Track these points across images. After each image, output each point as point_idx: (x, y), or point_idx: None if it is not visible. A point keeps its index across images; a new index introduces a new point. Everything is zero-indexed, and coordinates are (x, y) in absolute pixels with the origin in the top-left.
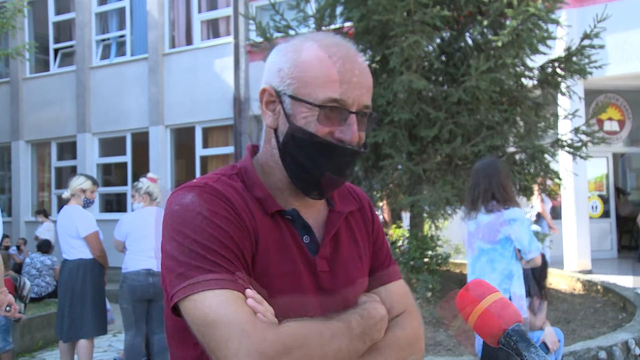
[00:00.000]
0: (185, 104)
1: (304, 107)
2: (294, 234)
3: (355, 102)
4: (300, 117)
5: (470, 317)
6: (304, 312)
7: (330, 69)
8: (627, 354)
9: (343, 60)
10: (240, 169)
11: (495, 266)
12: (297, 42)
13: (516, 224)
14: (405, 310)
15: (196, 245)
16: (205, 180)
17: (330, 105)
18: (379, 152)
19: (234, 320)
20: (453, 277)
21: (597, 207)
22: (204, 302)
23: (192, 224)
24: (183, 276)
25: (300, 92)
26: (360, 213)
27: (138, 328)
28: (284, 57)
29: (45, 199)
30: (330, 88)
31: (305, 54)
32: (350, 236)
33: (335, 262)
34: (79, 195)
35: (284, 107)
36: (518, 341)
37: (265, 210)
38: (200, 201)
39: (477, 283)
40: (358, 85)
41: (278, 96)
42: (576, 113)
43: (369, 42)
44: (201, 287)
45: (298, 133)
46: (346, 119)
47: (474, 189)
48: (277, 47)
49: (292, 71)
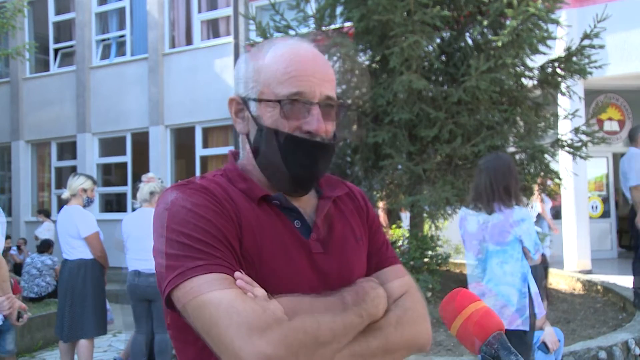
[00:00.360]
0: (185, 104)
1: (268, 106)
2: (283, 218)
3: (315, 93)
4: (266, 117)
5: (452, 326)
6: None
7: (288, 66)
8: (627, 354)
9: (300, 57)
10: (224, 170)
11: (506, 269)
12: (257, 49)
13: (525, 224)
14: (406, 292)
15: (182, 236)
16: (189, 179)
17: (291, 99)
18: (379, 152)
19: (222, 298)
20: (453, 277)
21: (597, 207)
22: (193, 287)
23: (177, 217)
24: (172, 268)
25: (263, 93)
26: (350, 199)
27: (139, 327)
28: (246, 65)
29: (45, 199)
30: (289, 83)
31: (265, 58)
32: (343, 219)
33: (330, 244)
34: (80, 195)
35: (250, 112)
36: (499, 349)
37: (251, 198)
38: (183, 196)
39: (459, 292)
40: (317, 78)
41: (244, 102)
42: (576, 113)
43: (369, 42)
44: (190, 274)
45: (266, 132)
46: (309, 111)
47: (490, 186)
48: (241, 56)
49: (253, 75)
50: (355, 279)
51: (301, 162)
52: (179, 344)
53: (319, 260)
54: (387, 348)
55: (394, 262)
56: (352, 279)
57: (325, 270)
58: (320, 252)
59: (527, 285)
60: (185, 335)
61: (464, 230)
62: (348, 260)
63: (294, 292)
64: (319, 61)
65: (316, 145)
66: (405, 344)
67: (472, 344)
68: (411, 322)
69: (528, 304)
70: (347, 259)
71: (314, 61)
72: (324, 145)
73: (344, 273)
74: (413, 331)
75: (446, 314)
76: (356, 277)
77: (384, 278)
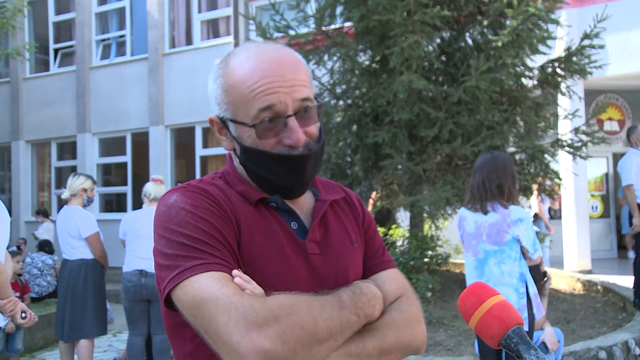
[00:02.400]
0: (185, 104)
1: (245, 127)
2: (280, 220)
3: (288, 103)
4: (245, 137)
5: (471, 319)
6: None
7: (252, 83)
8: (627, 354)
9: (263, 69)
10: (223, 172)
11: (504, 269)
12: (223, 64)
13: (523, 224)
14: (402, 295)
15: (181, 237)
16: (189, 182)
17: (262, 118)
18: (379, 152)
19: (221, 295)
20: (453, 277)
21: (597, 207)
22: (192, 285)
23: (176, 219)
24: (171, 267)
25: (237, 115)
26: (347, 203)
27: (136, 328)
28: (216, 84)
29: (45, 199)
30: (257, 100)
31: (230, 76)
32: (339, 222)
33: (326, 245)
34: (80, 195)
35: (230, 132)
36: (519, 343)
37: (249, 200)
38: (183, 198)
39: (479, 285)
40: (286, 85)
41: (223, 122)
42: (576, 113)
43: (369, 42)
44: (188, 273)
45: (249, 152)
46: (286, 124)
47: (483, 185)
48: (210, 74)
49: (224, 97)
50: (350, 281)
51: (288, 174)
52: (176, 342)
53: (315, 261)
54: (383, 349)
55: (390, 266)
56: (347, 281)
57: (321, 271)
58: (317, 253)
59: (525, 286)
60: (182, 333)
61: (463, 231)
62: (344, 262)
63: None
64: (285, 65)
65: (298, 158)
66: (400, 346)
67: (491, 337)
68: (407, 325)
69: (527, 304)
70: (343, 261)
71: (279, 67)
72: (305, 156)
73: (340, 274)
74: (409, 333)
75: (465, 307)
76: (352, 279)
77: (380, 282)
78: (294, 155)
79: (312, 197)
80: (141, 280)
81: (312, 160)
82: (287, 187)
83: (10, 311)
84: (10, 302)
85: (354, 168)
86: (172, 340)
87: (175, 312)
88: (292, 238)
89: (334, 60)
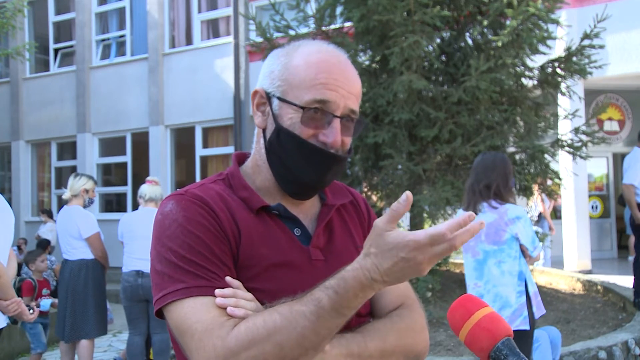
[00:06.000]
0: (185, 104)
1: (291, 108)
2: (283, 227)
3: (340, 106)
4: (286, 118)
5: (461, 332)
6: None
7: (318, 73)
8: (627, 354)
9: (331, 65)
10: (227, 175)
11: (504, 268)
12: (291, 47)
13: (520, 222)
14: (402, 303)
15: (170, 253)
16: (188, 187)
17: (314, 107)
18: (379, 152)
19: (198, 327)
20: (453, 277)
21: (597, 207)
22: (174, 312)
23: (168, 231)
24: (159, 286)
25: (288, 94)
26: (354, 207)
27: (135, 327)
28: (277, 61)
29: (45, 199)
30: (315, 91)
31: (296, 59)
32: (345, 228)
33: (330, 252)
34: (81, 196)
35: (272, 108)
36: (508, 355)
37: (250, 207)
38: (178, 209)
39: (467, 298)
40: (344, 91)
41: (268, 98)
42: (576, 113)
43: (369, 42)
44: (172, 296)
45: (283, 133)
46: (330, 122)
47: (471, 186)
48: (273, 51)
49: (282, 74)
50: None
51: (312, 170)
52: (177, 346)
53: (319, 267)
54: (384, 350)
55: None
56: None
57: (325, 277)
58: (320, 259)
59: (524, 284)
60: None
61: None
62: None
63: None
64: (350, 73)
65: (330, 156)
66: (402, 350)
67: (480, 350)
68: (409, 329)
69: (526, 302)
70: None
71: (345, 72)
72: (337, 157)
73: None
74: (411, 338)
75: (454, 320)
76: None
77: (380, 292)
78: (327, 152)
79: (318, 202)
80: (138, 280)
81: (340, 164)
82: (303, 183)
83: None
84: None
85: (354, 168)
86: (174, 343)
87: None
88: (295, 244)
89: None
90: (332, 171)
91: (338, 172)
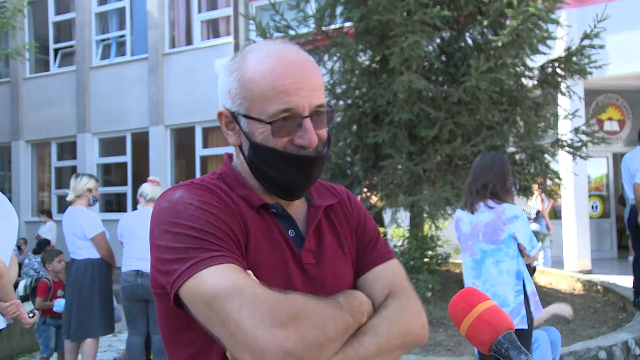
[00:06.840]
0: (185, 104)
1: (259, 123)
2: (279, 227)
3: (306, 107)
4: (257, 133)
5: (462, 325)
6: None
7: (274, 80)
8: (627, 354)
9: (286, 67)
10: (221, 174)
11: (502, 267)
12: (239, 58)
13: (518, 221)
14: (390, 292)
15: (193, 230)
16: (191, 180)
17: (281, 116)
18: (379, 152)
19: (246, 287)
20: (453, 277)
21: (597, 207)
22: (211, 275)
23: (185, 214)
24: (183, 260)
25: (251, 110)
26: (341, 206)
27: (134, 327)
28: (230, 78)
29: (45, 199)
30: (277, 101)
31: (249, 70)
32: (332, 230)
33: (321, 255)
34: (85, 195)
35: (241, 127)
36: (509, 348)
37: (251, 205)
38: (190, 195)
39: (469, 291)
40: (306, 91)
41: (233, 117)
42: (576, 113)
43: (369, 42)
44: (206, 263)
45: (259, 149)
46: (301, 124)
47: (469, 185)
48: (223, 65)
49: (239, 91)
50: (342, 290)
51: (296, 175)
52: (172, 346)
53: (311, 271)
54: (381, 345)
55: (385, 258)
56: (342, 290)
57: (317, 281)
58: (312, 263)
59: (522, 283)
60: (181, 338)
61: (459, 232)
62: (338, 271)
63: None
64: (307, 69)
65: (310, 159)
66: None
67: (481, 343)
68: (402, 316)
69: (524, 302)
70: (337, 270)
71: (302, 70)
72: (317, 158)
73: (335, 283)
74: (405, 324)
75: (455, 312)
76: (345, 287)
77: (367, 285)
78: (305, 156)
79: (304, 202)
80: (137, 280)
81: (320, 163)
82: (291, 188)
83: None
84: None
85: (354, 168)
86: (169, 344)
87: (174, 315)
88: (290, 247)
89: (334, 60)
90: (315, 171)
91: (321, 169)
